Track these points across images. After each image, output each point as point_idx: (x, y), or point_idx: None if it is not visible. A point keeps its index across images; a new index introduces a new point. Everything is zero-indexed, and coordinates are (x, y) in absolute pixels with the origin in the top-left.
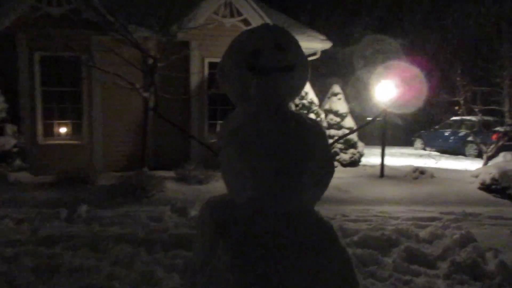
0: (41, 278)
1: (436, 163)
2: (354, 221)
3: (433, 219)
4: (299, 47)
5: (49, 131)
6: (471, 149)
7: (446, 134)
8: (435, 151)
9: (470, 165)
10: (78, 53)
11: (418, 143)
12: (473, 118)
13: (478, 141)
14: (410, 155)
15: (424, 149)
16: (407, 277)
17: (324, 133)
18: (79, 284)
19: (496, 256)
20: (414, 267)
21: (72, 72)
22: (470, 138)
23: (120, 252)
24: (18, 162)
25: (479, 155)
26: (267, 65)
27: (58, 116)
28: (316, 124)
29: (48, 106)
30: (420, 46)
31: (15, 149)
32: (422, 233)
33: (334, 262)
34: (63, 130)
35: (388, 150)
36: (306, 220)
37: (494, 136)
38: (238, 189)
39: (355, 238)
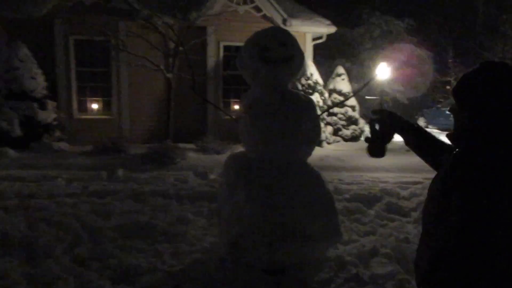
0: (101, 217)
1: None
2: (348, 184)
3: (416, 183)
4: (296, 42)
5: (83, 107)
6: None
7: (448, 112)
8: (437, 129)
9: None
10: (108, 37)
11: (421, 121)
12: None
13: None
14: None
15: (427, 127)
16: (384, 222)
17: (314, 105)
18: (130, 220)
19: None
20: (391, 215)
21: (102, 54)
22: None
23: (157, 202)
24: (58, 133)
25: None
26: (273, 57)
27: (90, 93)
28: (308, 99)
29: (81, 85)
30: (422, 28)
31: (55, 122)
32: (403, 193)
33: (320, 200)
34: (95, 106)
35: None
36: (300, 168)
37: None
38: (252, 146)
39: (347, 195)
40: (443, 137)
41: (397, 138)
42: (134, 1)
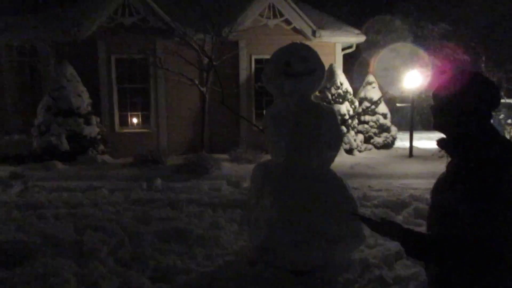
0: (141, 223)
1: None
2: (377, 190)
3: None
4: (317, 57)
5: (123, 121)
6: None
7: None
8: None
9: None
10: (146, 55)
11: None
12: None
13: (504, 122)
14: None
15: None
16: (411, 227)
17: (334, 114)
18: (169, 226)
19: None
20: (419, 221)
21: (141, 71)
22: (509, 121)
23: (192, 210)
24: (101, 147)
25: None
26: (296, 71)
27: (130, 108)
28: (329, 108)
29: (123, 101)
30: (455, 34)
31: (98, 137)
32: None
33: (343, 204)
34: (134, 120)
35: (427, 135)
36: (323, 174)
37: None
38: (276, 154)
39: (375, 201)
40: None
41: (429, 145)
42: (170, 21)
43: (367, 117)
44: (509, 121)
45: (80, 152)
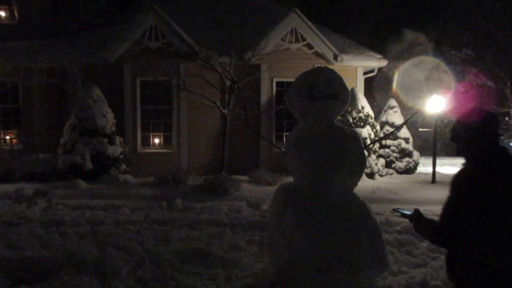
0: (161, 243)
1: None
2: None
3: None
4: (341, 81)
5: (146, 142)
6: None
7: (511, 144)
8: None
9: None
10: (170, 77)
11: None
12: None
13: None
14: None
15: None
16: (436, 255)
17: (359, 139)
18: (189, 247)
19: None
20: (443, 248)
21: (165, 93)
22: None
23: (212, 231)
24: (123, 166)
25: None
26: (320, 94)
27: (153, 129)
28: (353, 132)
29: (145, 121)
30: (478, 59)
31: (121, 156)
32: None
33: (366, 229)
34: (156, 140)
35: (450, 161)
36: (346, 198)
37: None
38: (299, 177)
39: (398, 227)
40: None
41: (452, 171)
42: (195, 44)
43: (388, 141)
44: None
45: (103, 171)
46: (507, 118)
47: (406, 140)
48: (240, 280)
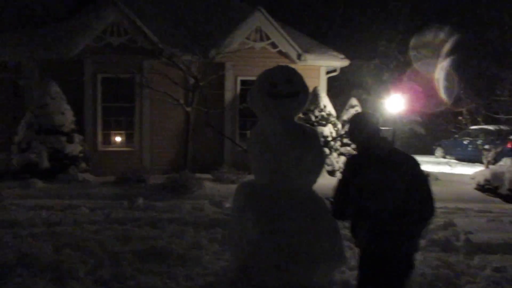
0: (122, 242)
1: (452, 169)
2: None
3: None
4: (302, 79)
5: (107, 140)
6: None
7: (465, 142)
8: (454, 159)
9: None
10: (132, 74)
11: (439, 151)
12: (490, 127)
13: (481, 148)
14: (428, 162)
15: (444, 157)
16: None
17: (318, 137)
18: (149, 246)
19: (467, 236)
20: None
21: (127, 90)
22: (486, 147)
23: (173, 229)
24: (83, 165)
25: (495, 163)
26: (280, 93)
27: (114, 127)
28: (313, 130)
29: (107, 119)
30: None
31: (81, 155)
32: None
33: (324, 225)
34: (118, 139)
35: None
36: (306, 195)
37: (509, 144)
38: (260, 175)
39: None
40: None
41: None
42: (158, 41)
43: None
44: (486, 146)
45: (61, 170)
46: (460, 117)
47: None
48: (201, 278)
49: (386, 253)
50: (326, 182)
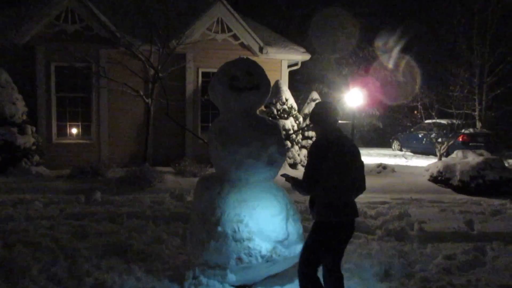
0: (78, 238)
1: (407, 161)
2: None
3: (383, 203)
4: (263, 72)
5: (62, 132)
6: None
7: (420, 136)
8: (410, 152)
9: None
10: (88, 63)
11: (396, 144)
12: (443, 121)
13: (435, 141)
14: (385, 155)
15: (401, 150)
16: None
17: (279, 129)
18: (107, 241)
19: (420, 225)
20: (357, 233)
21: (83, 80)
22: (439, 140)
23: (133, 224)
24: (36, 158)
25: (447, 155)
26: (241, 85)
27: (70, 118)
28: (273, 123)
29: (61, 110)
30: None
31: (33, 147)
32: (370, 212)
33: (285, 215)
34: (74, 130)
35: (366, 151)
36: (267, 187)
37: (461, 137)
38: (220, 168)
39: None
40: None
41: (368, 161)
42: (115, 30)
43: (310, 133)
44: (439, 139)
45: (13, 164)
46: (416, 112)
47: None
48: (161, 273)
49: (342, 220)
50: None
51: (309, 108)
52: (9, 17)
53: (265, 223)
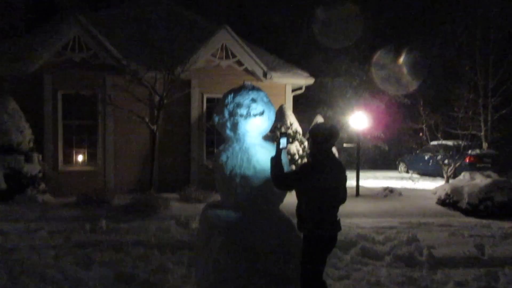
0: (83, 267)
1: (414, 184)
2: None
3: (391, 227)
4: (267, 99)
5: (68, 159)
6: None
7: (426, 157)
8: (417, 173)
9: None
10: (95, 91)
11: (402, 166)
12: (449, 142)
13: (441, 163)
14: (392, 177)
15: (407, 172)
16: (358, 266)
17: (285, 154)
18: (113, 271)
19: (429, 251)
20: (365, 260)
21: (89, 107)
22: (446, 162)
23: (138, 252)
24: (42, 185)
25: (455, 177)
26: (246, 112)
27: (76, 145)
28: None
29: (68, 137)
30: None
31: (40, 175)
32: (379, 237)
33: (291, 244)
34: (80, 157)
35: (372, 173)
36: (273, 215)
37: (467, 159)
38: (226, 194)
39: None
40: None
41: (375, 184)
42: (122, 58)
43: None
44: (446, 161)
45: (19, 191)
46: (421, 134)
47: None
48: None
49: (328, 235)
50: (293, 200)
51: None
52: (18, 46)
53: (266, 256)
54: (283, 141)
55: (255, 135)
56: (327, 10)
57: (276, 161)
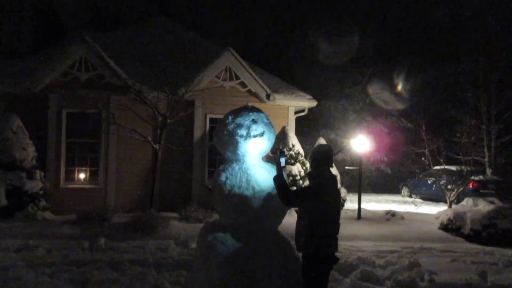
0: (77, 286)
1: (417, 208)
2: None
3: (392, 251)
4: (267, 120)
5: (70, 176)
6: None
7: (429, 182)
8: (420, 198)
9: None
10: (99, 110)
11: (405, 190)
12: (452, 167)
13: (444, 188)
14: (395, 201)
15: (410, 196)
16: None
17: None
18: None
19: (431, 276)
20: (365, 284)
21: (93, 126)
22: (449, 186)
23: (135, 271)
24: (43, 202)
25: (458, 202)
26: (246, 133)
27: (78, 163)
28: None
29: (70, 155)
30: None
31: (41, 192)
32: (379, 261)
33: (289, 266)
34: (82, 175)
35: (375, 197)
36: (271, 236)
37: (471, 184)
38: (225, 215)
39: None
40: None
41: (377, 207)
42: (126, 78)
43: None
44: (449, 186)
45: (20, 208)
46: (423, 158)
47: None
48: None
49: (332, 252)
50: (293, 221)
51: None
52: (26, 66)
53: (268, 275)
54: (282, 160)
55: (255, 156)
56: (330, 34)
57: (282, 179)
